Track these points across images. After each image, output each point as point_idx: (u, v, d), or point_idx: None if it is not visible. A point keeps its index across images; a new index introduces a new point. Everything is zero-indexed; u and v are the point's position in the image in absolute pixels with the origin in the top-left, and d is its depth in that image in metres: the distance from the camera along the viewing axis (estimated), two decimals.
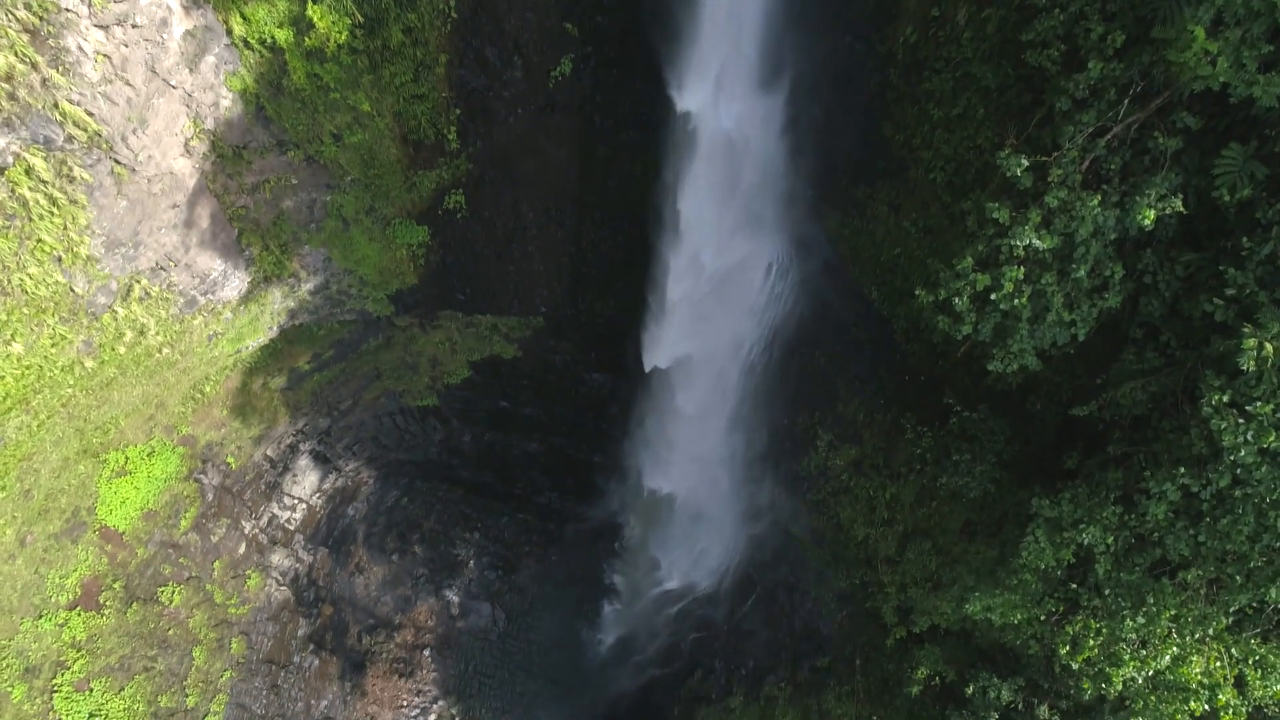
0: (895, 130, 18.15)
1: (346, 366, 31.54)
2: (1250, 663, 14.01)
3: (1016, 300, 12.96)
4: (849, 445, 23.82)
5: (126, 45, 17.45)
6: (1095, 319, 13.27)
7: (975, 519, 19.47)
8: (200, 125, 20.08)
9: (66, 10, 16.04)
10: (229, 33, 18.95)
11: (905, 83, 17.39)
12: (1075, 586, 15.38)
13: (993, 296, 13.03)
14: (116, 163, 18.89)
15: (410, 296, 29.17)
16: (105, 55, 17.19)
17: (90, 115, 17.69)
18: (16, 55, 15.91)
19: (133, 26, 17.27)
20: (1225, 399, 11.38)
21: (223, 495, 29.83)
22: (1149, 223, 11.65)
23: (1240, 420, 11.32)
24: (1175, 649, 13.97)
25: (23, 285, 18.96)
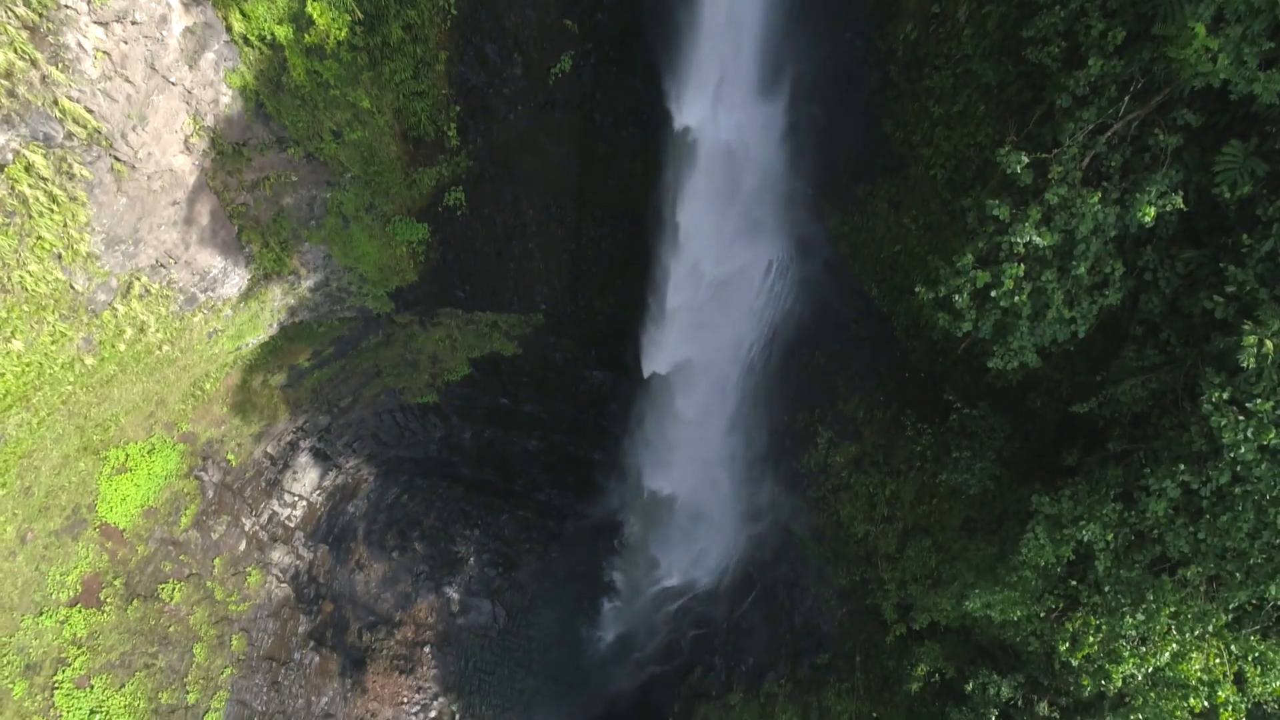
0: (896, 127, 18.13)
1: (347, 364, 31.55)
2: (1250, 659, 14.04)
3: (1017, 297, 12.97)
4: (849, 442, 23.83)
5: (126, 42, 17.43)
6: (1095, 316, 13.27)
7: (975, 516, 19.48)
8: (200, 122, 20.06)
9: (66, 7, 16.02)
10: (228, 29, 18.93)
11: (906, 80, 17.38)
12: (1075, 583, 15.41)
13: (993, 293, 13.04)
14: (116, 160, 18.88)
15: (410, 293, 29.16)
16: (105, 52, 17.17)
17: (90, 112, 17.68)
18: (16, 52, 15.89)
19: (132, 23, 17.25)
20: (1225, 396, 11.40)
21: (223, 492, 29.85)
22: (1149, 220, 11.66)
23: (1240, 417, 11.34)
24: (1175, 646, 14.00)
25: (23, 282, 18.96)
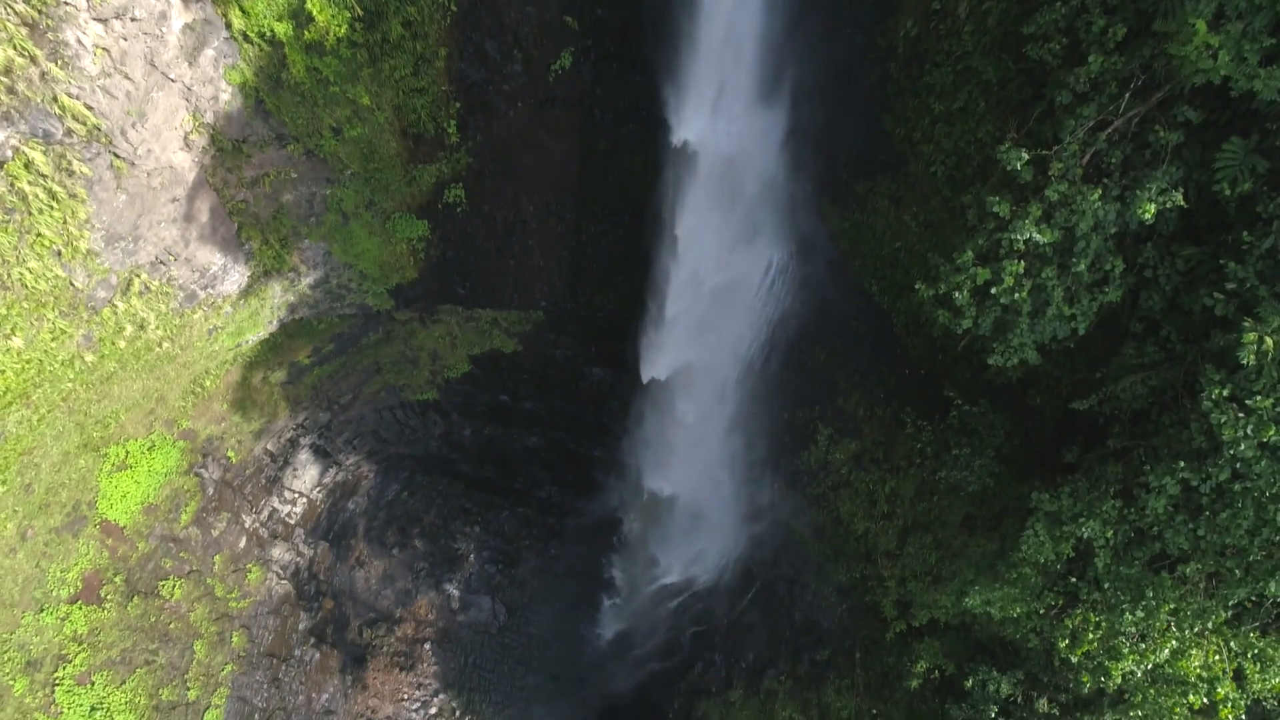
0: (896, 124, 18.12)
1: (346, 361, 31.55)
2: (1249, 656, 14.06)
3: (1017, 294, 12.96)
4: (849, 439, 23.84)
5: (125, 39, 17.40)
6: (1095, 313, 13.27)
7: (975, 513, 19.50)
8: (199, 119, 20.04)
9: (65, 4, 15.98)
10: (228, 26, 18.90)
11: (906, 76, 17.36)
12: (1075, 580, 15.43)
13: (993, 290, 13.03)
14: (116, 156, 18.86)
15: (410, 290, 29.15)
16: (104, 49, 17.14)
17: (89, 109, 17.65)
18: (15, 49, 15.86)
19: (131, 20, 17.22)
20: (1225, 393, 11.40)
21: (223, 489, 29.86)
22: (1149, 217, 11.65)
23: (1240, 414, 11.34)
24: (1174, 642, 14.02)
25: (22, 279, 18.94)
